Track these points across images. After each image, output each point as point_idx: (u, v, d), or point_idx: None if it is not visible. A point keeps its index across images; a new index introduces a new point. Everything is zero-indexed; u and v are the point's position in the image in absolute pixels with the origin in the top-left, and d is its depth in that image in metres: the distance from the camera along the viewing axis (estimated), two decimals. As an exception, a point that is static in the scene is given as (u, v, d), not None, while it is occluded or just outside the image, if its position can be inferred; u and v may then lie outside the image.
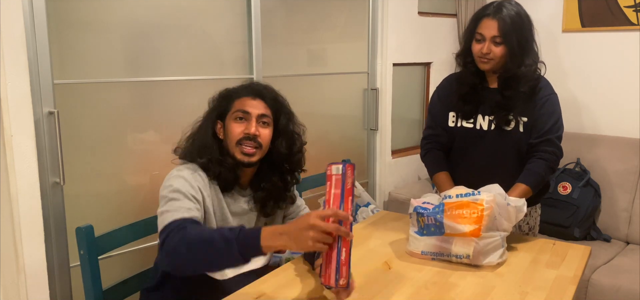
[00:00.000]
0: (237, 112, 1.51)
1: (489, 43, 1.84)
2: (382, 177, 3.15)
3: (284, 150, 1.57)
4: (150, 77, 2.07)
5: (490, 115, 1.92)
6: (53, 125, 1.76)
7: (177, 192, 1.40)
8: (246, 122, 1.51)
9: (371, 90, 3.04)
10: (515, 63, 1.85)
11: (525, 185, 1.83)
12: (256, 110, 1.52)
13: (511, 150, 1.90)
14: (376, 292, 1.41)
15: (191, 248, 1.27)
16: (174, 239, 1.30)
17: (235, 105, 1.53)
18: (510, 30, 1.82)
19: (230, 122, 1.53)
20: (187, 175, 1.45)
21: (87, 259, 1.52)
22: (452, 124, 1.99)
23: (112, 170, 2.02)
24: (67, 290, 1.89)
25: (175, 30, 2.12)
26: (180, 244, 1.28)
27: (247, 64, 2.39)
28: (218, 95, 1.60)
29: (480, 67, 1.90)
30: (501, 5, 1.85)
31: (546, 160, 1.87)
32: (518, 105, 1.88)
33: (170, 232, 1.32)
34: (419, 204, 1.65)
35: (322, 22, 2.77)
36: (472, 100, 1.94)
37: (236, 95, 1.55)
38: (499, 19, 1.82)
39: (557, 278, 1.50)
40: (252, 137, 1.50)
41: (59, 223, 1.84)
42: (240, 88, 1.58)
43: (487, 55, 1.85)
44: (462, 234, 1.53)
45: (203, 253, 1.26)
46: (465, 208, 1.55)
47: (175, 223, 1.33)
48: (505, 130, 1.90)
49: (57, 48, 1.81)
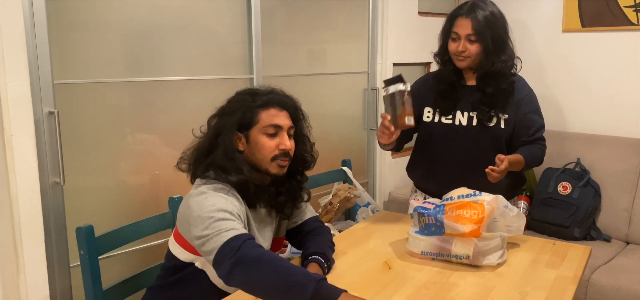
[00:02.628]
0: (268, 127, 1.47)
1: (464, 41, 1.91)
2: (382, 177, 3.15)
3: (301, 155, 1.57)
4: (150, 77, 2.07)
5: (470, 112, 1.98)
6: (53, 125, 1.76)
7: (224, 211, 1.34)
8: (279, 136, 1.48)
9: (371, 90, 3.04)
10: (490, 60, 1.91)
11: (521, 156, 1.91)
12: (286, 123, 1.50)
13: (490, 145, 1.94)
14: (376, 292, 1.41)
15: (264, 270, 1.22)
16: (252, 251, 1.26)
17: (262, 118, 1.47)
18: (484, 28, 1.89)
19: (260, 136, 1.47)
20: (223, 195, 1.39)
21: (87, 259, 1.52)
22: (427, 119, 2.04)
23: (112, 170, 2.02)
24: (67, 290, 1.89)
25: (175, 30, 2.12)
26: (261, 258, 1.24)
27: (247, 64, 2.39)
28: (236, 105, 1.50)
29: (457, 64, 1.97)
30: (475, 5, 1.92)
31: (541, 149, 2.00)
32: (499, 101, 1.95)
33: (244, 243, 1.26)
34: (419, 204, 1.65)
35: (322, 22, 2.77)
36: (450, 97, 2.00)
37: (261, 106, 1.48)
38: (472, 18, 1.89)
39: (557, 278, 1.50)
40: (287, 152, 1.49)
41: (59, 223, 1.84)
42: (263, 98, 1.50)
43: (462, 53, 1.92)
44: (462, 234, 1.53)
45: (275, 281, 1.21)
46: (466, 208, 1.55)
47: (243, 236, 1.29)
48: (487, 126, 1.96)
49: (57, 48, 1.81)
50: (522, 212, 2.74)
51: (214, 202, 1.36)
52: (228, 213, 1.34)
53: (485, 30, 1.89)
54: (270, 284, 1.22)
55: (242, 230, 1.33)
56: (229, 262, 1.26)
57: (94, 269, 1.54)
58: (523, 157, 1.92)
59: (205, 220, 1.33)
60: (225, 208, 1.35)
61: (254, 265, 1.24)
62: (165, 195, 1.86)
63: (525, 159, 1.92)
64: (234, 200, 1.41)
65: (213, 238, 1.30)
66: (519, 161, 1.90)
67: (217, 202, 1.36)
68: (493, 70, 1.91)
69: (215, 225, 1.32)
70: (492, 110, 1.94)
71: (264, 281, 1.23)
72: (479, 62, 1.93)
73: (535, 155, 1.98)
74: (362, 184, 2.90)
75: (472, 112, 1.97)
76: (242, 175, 1.43)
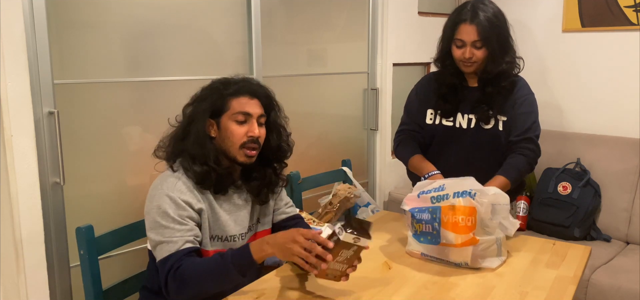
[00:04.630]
0: (238, 114, 1.50)
1: (470, 48, 1.87)
2: (382, 177, 3.15)
3: (275, 144, 1.59)
4: (150, 77, 2.07)
5: (470, 114, 1.95)
6: (53, 125, 1.76)
7: (166, 216, 1.41)
8: (248, 124, 1.50)
9: (371, 90, 3.04)
10: (497, 63, 1.88)
11: (504, 178, 1.86)
12: (256, 111, 1.52)
13: (489, 148, 1.92)
14: (376, 292, 1.41)
15: (192, 284, 1.35)
16: (174, 283, 1.35)
17: (233, 105, 1.50)
18: (489, 32, 1.85)
19: (229, 123, 1.50)
20: (175, 194, 1.43)
21: (87, 259, 1.52)
22: (429, 122, 2.03)
23: (112, 170, 2.02)
24: (67, 290, 1.88)
25: (175, 30, 2.12)
26: (182, 286, 1.35)
27: (247, 64, 2.38)
28: (208, 92, 1.54)
29: (464, 70, 1.93)
30: (476, 9, 1.86)
31: (526, 156, 1.91)
32: (498, 102, 1.91)
33: (168, 273, 1.36)
34: (413, 206, 1.63)
35: (322, 22, 2.77)
36: (452, 99, 1.98)
37: (231, 94, 1.51)
38: (477, 23, 1.84)
39: (557, 278, 1.50)
40: (256, 139, 1.50)
41: (59, 223, 1.84)
42: (234, 86, 1.53)
43: (470, 59, 1.88)
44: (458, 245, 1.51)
45: (207, 284, 1.35)
46: (461, 215, 1.51)
47: (171, 259, 1.37)
48: (484, 129, 1.94)
49: (57, 48, 1.81)
50: (522, 212, 2.75)
51: (159, 203, 1.42)
52: (170, 219, 1.40)
53: (490, 35, 1.85)
54: (205, 291, 1.36)
55: (181, 242, 1.39)
56: (163, 278, 1.37)
57: (93, 269, 1.54)
58: (505, 177, 1.85)
59: (150, 220, 1.43)
60: (168, 212, 1.40)
61: (183, 284, 1.35)
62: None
63: (509, 178, 1.86)
64: (187, 194, 1.45)
65: (156, 248, 1.41)
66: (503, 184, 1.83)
67: (162, 204, 1.41)
68: (498, 71, 1.89)
69: (157, 234, 1.41)
70: (490, 111, 1.93)
71: (198, 295, 1.37)
72: (485, 66, 1.91)
73: (519, 168, 1.90)
74: (362, 184, 2.90)
75: (471, 114, 1.96)
76: (206, 166, 1.47)
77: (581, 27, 3.07)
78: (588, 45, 3.08)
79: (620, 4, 2.93)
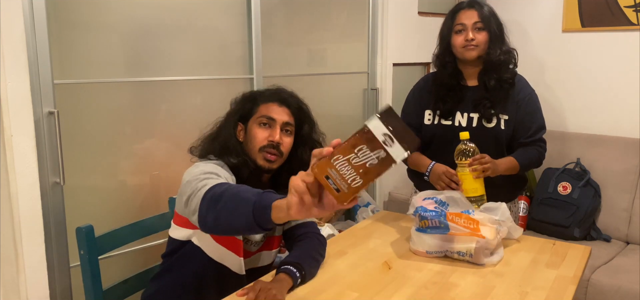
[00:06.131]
0: (262, 117, 1.51)
1: (471, 30, 1.92)
2: (382, 177, 3.13)
3: (305, 158, 1.56)
4: (150, 77, 2.07)
5: (470, 113, 1.97)
6: (53, 125, 1.76)
7: (211, 173, 1.35)
8: (270, 129, 1.51)
9: (371, 90, 3.04)
10: (497, 48, 1.93)
11: (515, 159, 1.92)
12: (281, 118, 1.52)
13: (490, 146, 1.93)
14: (376, 292, 1.41)
15: (221, 202, 1.20)
16: (211, 201, 1.22)
17: (260, 109, 1.53)
18: (489, 16, 1.94)
19: (253, 126, 1.52)
20: (214, 164, 1.44)
21: (87, 259, 1.52)
22: (428, 122, 2.05)
23: (112, 170, 2.02)
24: (67, 290, 1.89)
25: (175, 30, 2.12)
26: (212, 203, 1.21)
27: (247, 64, 2.39)
28: (242, 97, 1.59)
29: (467, 55, 1.95)
30: (473, 1, 1.97)
31: (539, 152, 2.00)
32: (500, 98, 1.94)
33: (216, 186, 1.25)
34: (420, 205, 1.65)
35: (322, 22, 2.77)
36: (450, 100, 2.00)
37: (262, 100, 1.54)
38: (476, 7, 1.94)
39: (557, 278, 1.50)
40: (276, 144, 1.49)
41: (59, 223, 1.84)
42: (267, 92, 1.57)
43: (472, 41, 1.92)
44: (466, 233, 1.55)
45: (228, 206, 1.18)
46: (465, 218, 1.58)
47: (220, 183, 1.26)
48: (486, 127, 1.95)
49: (57, 48, 1.81)
50: (522, 212, 2.75)
51: (202, 168, 1.39)
52: (214, 174, 1.35)
53: (490, 18, 1.93)
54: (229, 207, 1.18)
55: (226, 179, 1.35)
56: (204, 206, 1.23)
57: (93, 269, 1.54)
58: (517, 161, 1.91)
59: (192, 182, 1.33)
60: (213, 171, 1.37)
61: (213, 200, 1.22)
62: (165, 195, 1.86)
63: (520, 162, 1.92)
64: (225, 171, 1.43)
65: (196, 193, 1.28)
66: (513, 165, 1.90)
67: (205, 167, 1.39)
68: (497, 60, 1.92)
69: (200, 182, 1.30)
70: (493, 109, 1.94)
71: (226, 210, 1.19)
72: (487, 51, 1.94)
73: (531, 158, 1.98)
74: (362, 184, 2.89)
75: (472, 113, 1.97)
76: (234, 156, 1.48)
77: (581, 27, 3.08)
78: (588, 45, 3.08)
79: (620, 4, 2.93)
